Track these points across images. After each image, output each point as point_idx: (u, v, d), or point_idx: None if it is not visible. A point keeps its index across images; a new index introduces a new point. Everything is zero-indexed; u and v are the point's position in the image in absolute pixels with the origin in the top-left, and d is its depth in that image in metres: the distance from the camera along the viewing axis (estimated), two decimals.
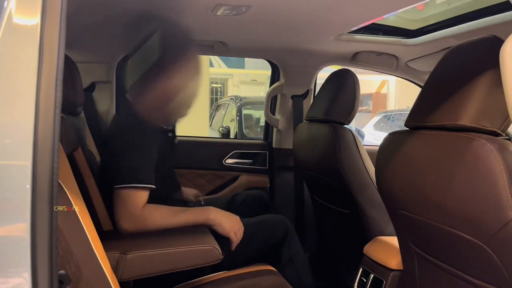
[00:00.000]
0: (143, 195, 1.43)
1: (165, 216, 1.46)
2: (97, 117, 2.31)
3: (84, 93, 1.70)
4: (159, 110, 1.50)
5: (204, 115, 7.09)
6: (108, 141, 1.54)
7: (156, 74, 1.44)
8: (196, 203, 1.97)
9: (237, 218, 1.56)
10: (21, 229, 0.62)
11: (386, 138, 1.26)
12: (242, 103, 5.91)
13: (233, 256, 1.59)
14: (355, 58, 2.24)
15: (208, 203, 2.01)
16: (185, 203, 1.81)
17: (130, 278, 1.29)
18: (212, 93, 12.62)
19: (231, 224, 1.53)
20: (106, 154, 1.50)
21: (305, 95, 2.51)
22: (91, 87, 2.32)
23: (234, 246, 1.52)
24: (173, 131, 1.72)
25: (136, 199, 1.42)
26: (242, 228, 1.56)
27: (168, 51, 1.44)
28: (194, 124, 6.52)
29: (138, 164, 1.44)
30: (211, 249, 1.35)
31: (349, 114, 1.85)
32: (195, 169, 2.57)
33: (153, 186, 1.45)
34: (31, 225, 0.62)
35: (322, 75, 2.42)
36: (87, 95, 2.17)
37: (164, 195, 1.59)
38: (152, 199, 1.48)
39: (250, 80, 14.05)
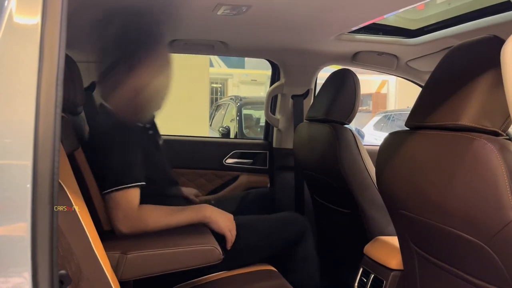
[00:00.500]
0: (134, 194, 1.43)
1: (162, 216, 1.46)
2: None
3: (84, 93, 1.70)
4: (132, 105, 1.47)
5: (204, 115, 7.09)
6: (89, 147, 1.53)
7: (125, 69, 1.42)
8: (206, 203, 1.98)
9: (231, 216, 1.57)
10: (22, 228, 0.62)
11: (386, 138, 1.26)
12: (242, 103, 5.91)
13: (250, 252, 1.62)
14: (355, 58, 2.24)
15: (219, 202, 2.02)
16: (187, 200, 1.81)
17: (130, 278, 1.29)
18: (212, 93, 12.62)
19: (226, 222, 1.53)
20: (91, 160, 1.49)
21: (306, 95, 2.50)
22: (92, 86, 2.31)
23: (229, 243, 1.53)
24: (153, 128, 1.71)
25: (128, 200, 1.41)
26: (235, 226, 1.56)
27: (135, 45, 1.42)
28: (194, 124, 6.53)
29: (122, 165, 1.44)
30: (212, 249, 1.35)
31: (350, 114, 1.85)
32: (195, 169, 2.57)
33: (142, 183, 1.45)
34: (31, 224, 0.62)
35: (322, 75, 2.41)
36: (88, 95, 2.16)
37: (160, 193, 1.59)
38: (149, 198, 1.48)
39: (250, 80, 14.05)
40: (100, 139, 1.47)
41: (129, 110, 1.48)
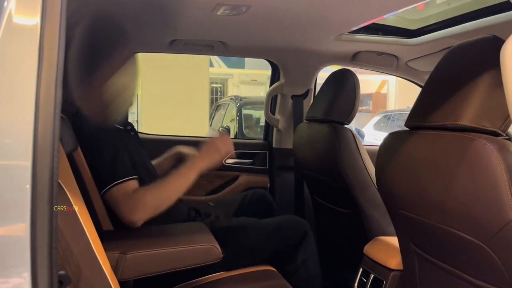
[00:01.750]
0: (130, 185, 1.44)
1: (161, 192, 1.46)
2: None
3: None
4: (102, 106, 1.44)
5: (204, 115, 7.10)
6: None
7: (89, 70, 1.38)
8: (205, 206, 1.98)
9: (218, 140, 1.59)
10: (21, 229, 0.62)
11: (386, 138, 1.26)
12: (242, 103, 5.92)
13: (250, 254, 1.62)
14: (355, 58, 2.24)
15: (218, 203, 2.03)
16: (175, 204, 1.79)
17: (130, 278, 1.29)
18: (212, 93, 12.62)
19: (219, 158, 1.56)
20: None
21: (305, 95, 2.50)
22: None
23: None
24: (132, 128, 1.71)
25: (125, 191, 1.42)
26: (229, 142, 1.59)
27: (96, 46, 1.39)
28: (194, 124, 6.53)
29: (111, 164, 1.45)
30: (211, 248, 1.35)
31: (349, 114, 1.85)
32: None
33: (135, 176, 1.46)
34: (31, 225, 0.62)
35: (322, 75, 2.41)
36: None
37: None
38: None
39: (250, 80, 14.05)
40: (85, 144, 1.47)
41: (101, 112, 1.45)
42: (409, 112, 1.18)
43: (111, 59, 1.40)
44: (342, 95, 1.87)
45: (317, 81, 2.58)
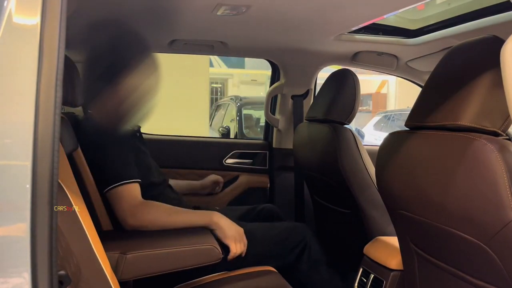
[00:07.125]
0: (135, 188, 1.46)
1: (168, 213, 1.47)
2: None
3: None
4: (117, 113, 1.46)
5: (204, 115, 7.09)
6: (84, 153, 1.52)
7: (110, 77, 1.40)
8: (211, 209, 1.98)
9: (240, 229, 1.55)
10: (21, 229, 0.62)
11: (386, 138, 1.26)
12: (242, 103, 5.92)
13: (251, 261, 1.62)
14: (355, 58, 2.24)
15: (223, 212, 2.03)
16: (179, 201, 1.80)
17: (130, 278, 1.29)
18: (212, 93, 12.63)
19: (233, 232, 1.51)
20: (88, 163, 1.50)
21: (305, 95, 2.51)
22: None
23: (231, 255, 1.51)
24: (139, 131, 1.73)
25: (131, 192, 1.44)
26: (245, 241, 1.54)
27: (119, 56, 1.41)
28: (194, 124, 6.53)
29: (118, 164, 1.46)
30: (211, 249, 1.35)
31: (350, 114, 1.85)
32: (195, 169, 2.57)
33: (139, 180, 1.48)
34: (31, 225, 0.62)
35: (322, 75, 2.41)
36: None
37: (160, 193, 1.60)
38: (151, 199, 1.49)
39: (250, 80, 14.06)
40: (92, 145, 1.47)
41: (114, 119, 1.47)
42: (409, 112, 1.18)
43: (133, 68, 1.41)
44: (342, 95, 1.87)
45: (317, 81, 2.58)
